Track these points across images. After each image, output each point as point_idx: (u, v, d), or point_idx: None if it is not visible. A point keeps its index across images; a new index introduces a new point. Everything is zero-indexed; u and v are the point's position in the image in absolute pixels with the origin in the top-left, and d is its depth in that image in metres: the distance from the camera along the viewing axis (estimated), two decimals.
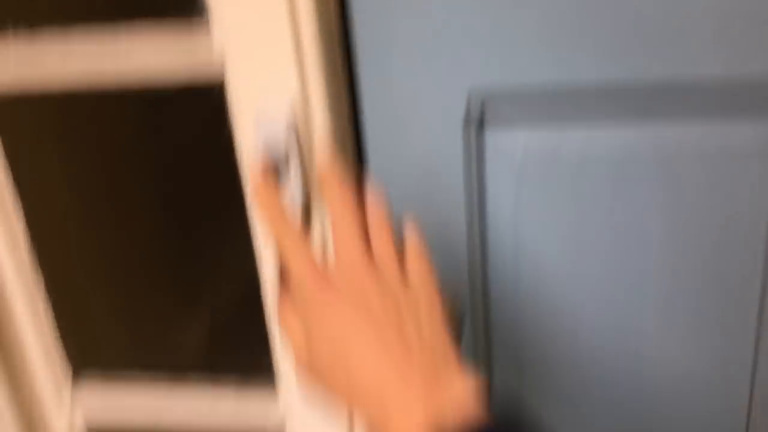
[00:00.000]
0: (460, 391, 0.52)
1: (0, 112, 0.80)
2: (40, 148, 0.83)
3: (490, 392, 0.53)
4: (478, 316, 0.81)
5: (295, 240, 0.57)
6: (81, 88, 0.75)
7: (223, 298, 0.87)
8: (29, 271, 0.89)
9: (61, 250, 0.89)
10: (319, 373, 0.56)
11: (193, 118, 0.77)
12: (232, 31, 0.65)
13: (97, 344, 0.95)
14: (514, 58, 0.67)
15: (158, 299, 0.89)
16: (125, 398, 0.94)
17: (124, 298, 0.91)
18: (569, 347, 0.80)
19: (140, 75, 0.74)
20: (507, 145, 0.73)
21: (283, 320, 0.59)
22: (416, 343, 0.54)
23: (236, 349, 0.90)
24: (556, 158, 0.71)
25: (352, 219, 0.58)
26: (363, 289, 0.55)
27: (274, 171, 0.66)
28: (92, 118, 0.79)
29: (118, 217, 0.84)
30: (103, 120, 0.79)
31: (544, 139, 0.71)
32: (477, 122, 0.72)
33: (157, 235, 0.86)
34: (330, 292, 0.55)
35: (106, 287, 0.91)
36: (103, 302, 0.92)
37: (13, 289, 0.89)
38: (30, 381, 0.95)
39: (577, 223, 0.74)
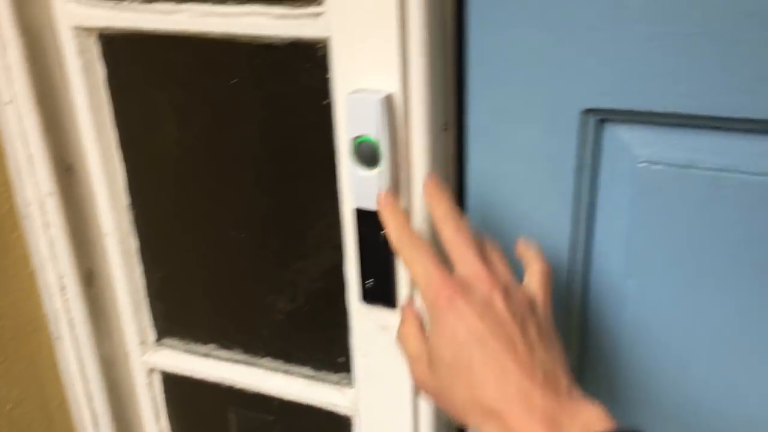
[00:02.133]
0: (584, 413, 0.48)
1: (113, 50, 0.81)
2: (148, 92, 0.84)
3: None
4: (572, 342, 0.73)
5: (419, 246, 0.57)
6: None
7: (306, 286, 0.85)
8: (130, 234, 0.91)
9: (160, 214, 0.90)
10: (437, 384, 0.55)
11: (297, 87, 0.74)
12: (342, 16, 0.62)
13: (181, 313, 0.96)
14: (634, 82, 0.60)
15: (245, 278, 0.89)
16: (201, 367, 0.94)
17: (213, 271, 0.91)
18: (668, 395, 0.71)
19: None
20: (625, 152, 0.65)
21: (405, 329, 0.59)
22: (539, 356, 0.52)
23: (313, 337, 0.87)
24: (685, 173, 0.62)
25: (464, 228, 0.58)
26: (487, 296, 0.54)
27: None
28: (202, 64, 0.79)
29: (217, 182, 0.84)
30: (211, 70, 0.78)
31: (669, 147, 0.63)
32: (596, 124, 0.64)
33: (251, 211, 0.84)
34: (457, 297, 0.53)
35: (198, 258, 0.91)
36: (192, 273, 0.93)
37: (114, 252, 0.91)
38: (120, 336, 0.97)
39: (700, 255, 0.65)
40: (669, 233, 0.66)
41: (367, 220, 0.67)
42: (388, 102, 0.61)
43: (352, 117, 0.62)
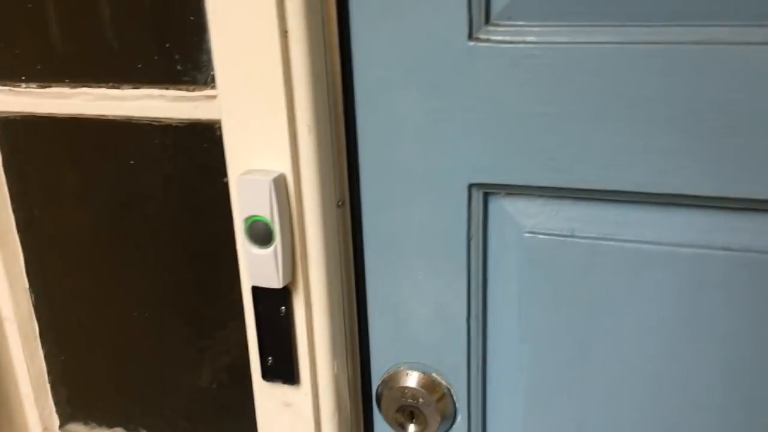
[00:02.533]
0: None
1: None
2: (47, 174, 0.83)
3: None
4: (477, 409, 0.75)
5: None
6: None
7: (211, 365, 0.84)
8: (31, 317, 0.89)
9: (61, 297, 0.89)
10: None
11: (197, 166, 0.75)
12: (232, 99, 0.64)
13: (85, 397, 0.93)
14: (512, 158, 0.63)
15: (150, 358, 0.87)
16: None
17: (117, 352, 0.89)
18: None
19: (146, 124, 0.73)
20: (510, 224, 0.68)
21: None
22: None
23: (221, 416, 0.86)
24: (566, 242, 0.66)
25: None
26: None
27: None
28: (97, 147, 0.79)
29: (119, 263, 0.83)
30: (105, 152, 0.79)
31: (550, 217, 0.66)
32: (482, 197, 0.67)
33: (154, 291, 0.84)
34: None
35: (102, 340, 0.89)
36: (96, 355, 0.90)
37: (14, 337, 0.88)
38: (22, 423, 0.93)
39: (585, 319, 0.68)
40: (556, 299, 0.68)
41: (265, 298, 0.67)
42: (279, 182, 0.63)
43: (243, 197, 0.63)
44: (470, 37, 0.62)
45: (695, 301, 0.64)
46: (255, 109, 0.63)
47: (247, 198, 0.62)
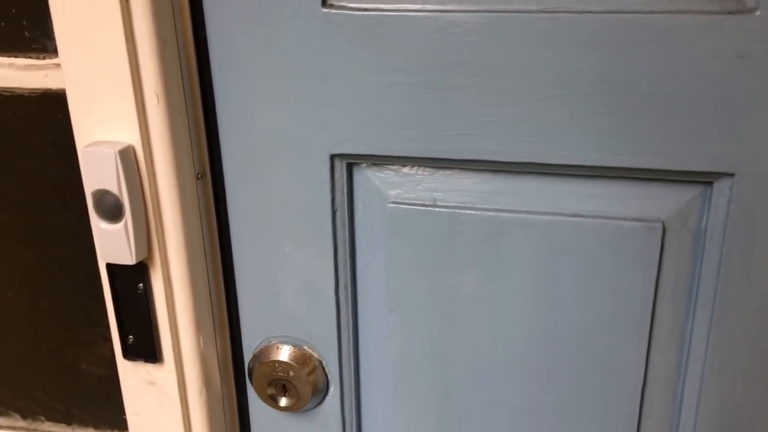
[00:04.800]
0: None
1: None
2: None
3: None
4: (349, 380, 0.75)
5: None
6: None
7: (79, 345, 0.81)
8: None
9: None
10: None
11: (52, 139, 0.72)
12: (74, 67, 0.61)
13: None
14: (371, 128, 0.63)
15: (16, 340, 0.83)
16: None
17: None
18: (434, 420, 0.74)
19: None
20: (375, 194, 0.68)
21: None
22: None
23: (92, 397, 0.83)
24: (429, 212, 0.66)
25: None
26: None
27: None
28: None
29: None
30: None
31: (413, 188, 0.66)
32: (346, 168, 0.67)
33: (14, 270, 0.80)
34: None
35: None
36: None
37: None
38: None
39: (448, 287, 0.68)
40: (421, 268, 0.69)
41: (120, 275, 0.65)
42: (126, 154, 0.60)
43: (89, 171, 0.60)
44: (324, 3, 0.61)
45: (550, 266, 0.65)
46: (98, 77, 0.60)
47: (93, 171, 0.60)
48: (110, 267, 0.65)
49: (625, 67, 0.56)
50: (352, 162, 0.67)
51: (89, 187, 0.61)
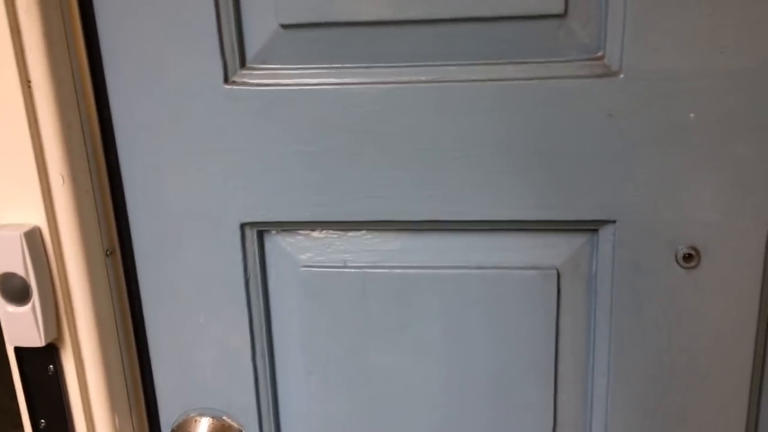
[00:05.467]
0: None
1: None
2: None
3: None
4: None
5: None
6: None
7: None
8: None
9: None
10: None
11: None
12: None
13: None
14: (279, 195, 0.66)
15: None
16: None
17: None
18: None
19: None
20: (286, 259, 0.70)
21: None
22: None
23: None
24: (340, 273, 0.68)
25: None
26: None
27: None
28: None
29: None
30: None
31: (323, 251, 0.69)
32: (256, 236, 0.69)
33: None
34: None
35: None
36: None
37: None
38: None
39: (363, 345, 0.70)
40: (335, 329, 0.71)
41: (29, 358, 0.64)
42: (32, 236, 0.60)
43: None
44: (226, 80, 0.63)
45: (459, 318, 0.68)
46: (3, 161, 0.60)
47: None
48: (18, 350, 0.64)
49: (510, 130, 0.61)
50: (262, 229, 0.69)
51: None
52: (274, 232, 0.69)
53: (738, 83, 0.54)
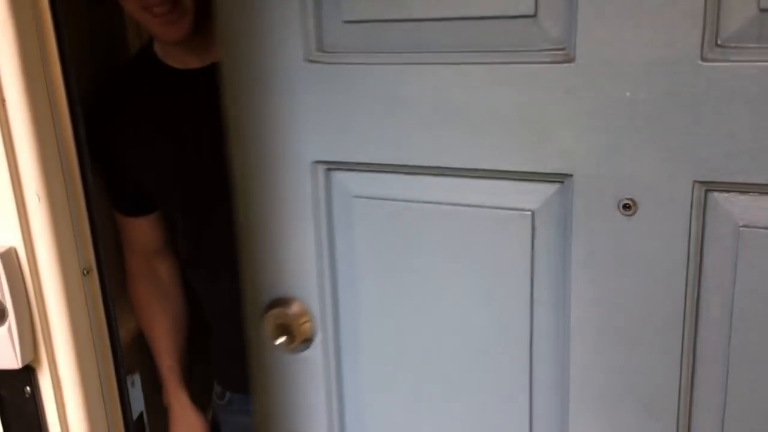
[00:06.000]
0: None
1: None
2: None
3: None
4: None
5: None
6: None
7: None
8: None
9: None
10: None
11: None
12: None
13: None
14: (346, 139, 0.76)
15: None
16: None
17: None
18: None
19: None
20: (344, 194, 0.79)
21: None
22: None
23: None
24: (382, 203, 0.78)
25: None
26: None
27: None
28: None
29: None
30: None
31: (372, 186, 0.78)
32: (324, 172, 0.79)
33: None
34: None
35: None
36: None
37: None
38: None
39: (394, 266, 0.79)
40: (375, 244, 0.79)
41: (5, 380, 0.63)
42: (8, 256, 0.60)
43: None
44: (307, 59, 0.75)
45: (459, 244, 0.76)
46: None
47: None
48: None
49: (497, 101, 0.69)
50: (329, 168, 0.79)
51: None
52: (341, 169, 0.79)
53: (660, 70, 0.63)
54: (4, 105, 0.58)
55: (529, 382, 0.77)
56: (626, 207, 0.67)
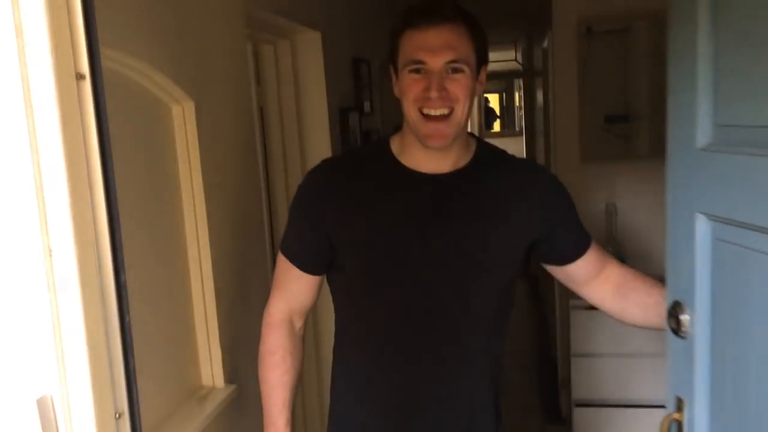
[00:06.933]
0: None
1: None
2: None
3: None
4: None
5: None
6: None
7: None
8: None
9: None
10: None
11: None
12: None
13: None
14: None
15: None
16: None
17: None
18: None
19: None
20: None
21: None
22: None
23: None
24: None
25: None
26: None
27: None
28: None
29: None
30: None
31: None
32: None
33: None
34: None
35: None
36: None
37: None
38: None
39: None
40: None
41: None
42: (44, 405, 0.61)
43: None
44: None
45: None
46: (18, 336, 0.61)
47: None
48: None
49: None
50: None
51: None
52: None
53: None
54: (50, 255, 0.61)
55: None
56: None
